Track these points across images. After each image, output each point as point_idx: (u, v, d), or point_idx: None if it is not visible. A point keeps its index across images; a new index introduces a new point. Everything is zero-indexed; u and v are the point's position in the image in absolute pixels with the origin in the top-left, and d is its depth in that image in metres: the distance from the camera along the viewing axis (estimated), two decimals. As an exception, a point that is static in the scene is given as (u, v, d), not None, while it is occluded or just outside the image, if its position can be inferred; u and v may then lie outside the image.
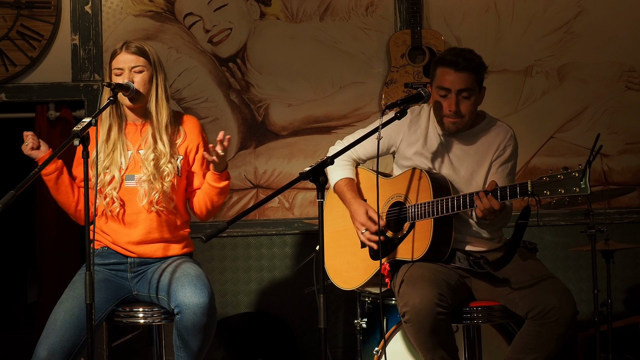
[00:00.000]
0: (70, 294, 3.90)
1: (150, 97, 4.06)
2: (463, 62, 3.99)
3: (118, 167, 4.02)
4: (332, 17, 5.75)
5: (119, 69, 4.02)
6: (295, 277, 5.69)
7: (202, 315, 3.82)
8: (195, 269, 3.99)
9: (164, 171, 4.02)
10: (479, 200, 3.76)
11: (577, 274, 5.79)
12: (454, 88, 3.99)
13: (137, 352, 5.55)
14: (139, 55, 4.04)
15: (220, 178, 4.04)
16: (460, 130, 4.09)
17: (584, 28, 5.83)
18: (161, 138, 4.04)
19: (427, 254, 3.93)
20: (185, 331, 3.84)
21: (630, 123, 5.84)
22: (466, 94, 4.00)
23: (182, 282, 3.90)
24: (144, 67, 4.03)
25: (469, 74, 4.00)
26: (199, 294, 3.83)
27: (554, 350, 3.79)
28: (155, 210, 4.04)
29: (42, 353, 3.76)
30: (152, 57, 4.08)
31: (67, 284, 4.01)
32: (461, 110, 4.02)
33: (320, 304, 3.35)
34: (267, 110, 5.72)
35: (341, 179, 4.28)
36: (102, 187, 4.02)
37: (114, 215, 4.04)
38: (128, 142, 4.08)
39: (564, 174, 3.52)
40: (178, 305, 3.84)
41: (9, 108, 5.73)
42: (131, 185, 4.04)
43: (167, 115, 4.07)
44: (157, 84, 4.07)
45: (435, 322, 3.75)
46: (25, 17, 5.53)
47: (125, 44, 4.07)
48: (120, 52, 4.05)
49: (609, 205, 5.71)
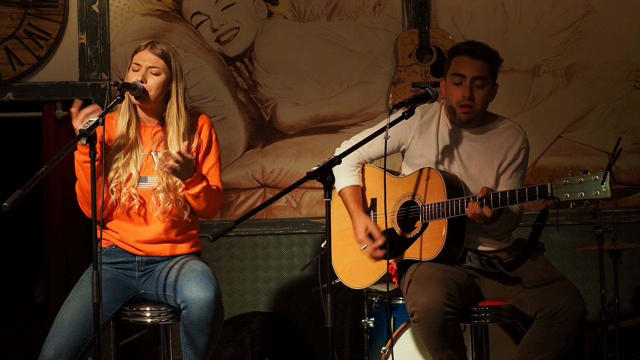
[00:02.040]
0: (77, 293, 3.89)
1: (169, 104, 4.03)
2: (479, 50, 4.06)
3: (135, 165, 4.02)
4: (339, 16, 5.74)
5: (137, 65, 4.00)
6: (302, 276, 5.68)
7: (208, 309, 3.81)
8: (201, 265, 3.99)
9: (177, 182, 4.00)
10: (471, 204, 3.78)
11: (584, 274, 5.78)
12: (469, 75, 4.03)
13: (145, 351, 5.55)
14: (160, 58, 4.01)
15: (187, 187, 4.01)
16: (471, 120, 4.09)
17: (591, 28, 5.82)
18: (179, 146, 3.99)
19: (440, 255, 3.92)
20: (192, 326, 3.83)
21: (638, 123, 5.83)
22: (480, 82, 4.03)
23: (188, 277, 3.89)
24: (161, 70, 4.00)
25: (484, 62, 4.05)
26: (205, 288, 3.83)
27: (562, 350, 3.78)
28: (168, 219, 4.04)
29: (49, 352, 3.75)
30: (173, 64, 4.04)
31: (74, 282, 4.00)
32: (474, 98, 4.03)
33: (327, 304, 3.34)
34: (275, 109, 5.72)
35: (346, 187, 4.28)
36: (119, 184, 4.00)
37: (130, 213, 4.03)
38: (141, 143, 4.07)
39: (584, 177, 3.51)
40: (184, 300, 3.83)
41: (17, 107, 5.74)
42: (144, 187, 4.03)
43: (185, 125, 4.04)
44: (177, 93, 4.03)
45: (444, 322, 3.74)
46: (33, 16, 5.53)
47: (152, 43, 4.05)
48: (144, 50, 4.03)
49: (616, 205, 5.71)
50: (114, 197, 4.01)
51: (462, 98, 4.03)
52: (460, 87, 4.04)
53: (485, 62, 4.05)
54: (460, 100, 4.05)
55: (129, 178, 4.01)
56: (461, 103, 4.05)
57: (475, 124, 4.14)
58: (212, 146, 4.13)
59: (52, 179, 5.65)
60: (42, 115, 5.67)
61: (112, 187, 4.00)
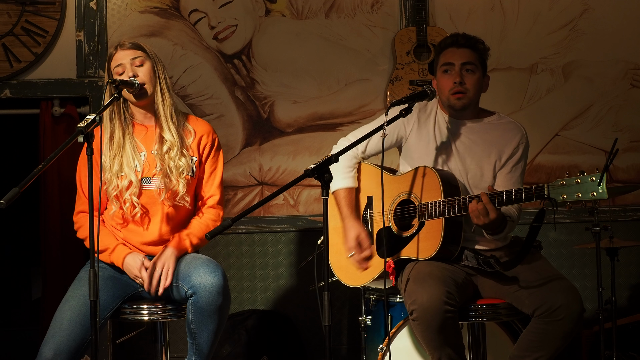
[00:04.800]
0: (76, 292, 3.87)
1: (155, 89, 4.04)
2: (462, 39, 4.10)
3: (133, 171, 3.98)
4: (337, 14, 5.74)
5: (120, 65, 3.97)
6: (299, 274, 5.69)
7: (217, 294, 3.80)
8: (205, 256, 4.00)
9: (179, 167, 3.99)
10: (475, 202, 3.78)
11: (581, 272, 5.79)
12: (457, 62, 4.06)
13: (142, 349, 5.55)
14: (135, 49, 4.01)
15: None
16: (465, 106, 4.09)
17: (589, 26, 5.83)
18: (169, 128, 4.00)
19: (437, 254, 3.92)
20: (200, 313, 3.81)
21: (635, 121, 5.83)
22: (470, 67, 4.06)
23: (194, 265, 3.89)
24: (144, 58, 4.00)
25: (470, 50, 4.08)
26: (213, 273, 3.82)
27: (559, 348, 3.78)
28: (173, 205, 4.02)
29: (48, 353, 3.71)
30: (148, 50, 4.05)
31: (71, 280, 3.99)
32: (466, 83, 4.05)
33: (324, 301, 3.34)
34: (272, 107, 5.72)
35: (340, 189, 4.27)
36: (119, 192, 3.98)
37: (134, 220, 4.02)
38: (140, 144, 4.04)
39: (580, 177, 3.50)
40: (192, 286, 3.81)
41: (14, 104, 5.73)
42: (149, 188, 4.02)
43: (170, 105, 4.04)
44: (158, 76, 4.04)
45: (444, 320, 3.74)
46: (30, 13, 5.53)
47: (119, 43, 4.04)
48: (117, 52, 4.00)
49: (613, 203, 5.71)
50: (116, 208, 4.00)
51: (454, 85, 4.05)
52: (451, 75, 4.07)
53: (471, 50, 4.09)
54: (452, 88, 4.06)
55: (130, 185, 3.98)
56: (453, 90, 4.06)
57: (471, 114, 4.14)
58: (217, 162, 4.16)
59: (49, 177, 5.65)
60: (39, 113, 5.67)
61: (112, 197, 3.98)
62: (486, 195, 3.75)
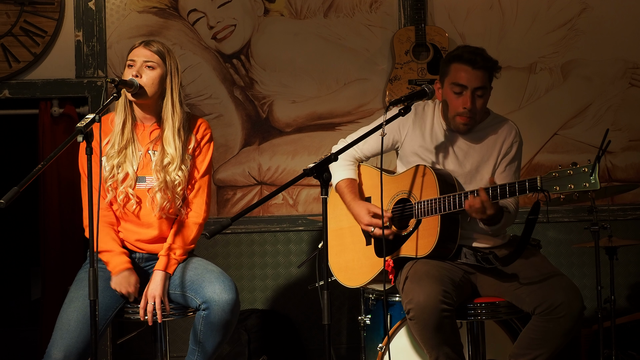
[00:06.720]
0: (79, 292, 3.86)
1: (164, 101, 4.01)
2: (481, 61, 4.00)
3: (131, 164, 4.00)
4: (336, 13, 5.75)
5: (132, 61, 3.98)
6: (299, 274, 5.69)
7: (230, 312, 3.82)
8: (213, 266, 4.00)
9: (175, 180, 3.99)
10: (473, 197, 3.77)
11: (580, 271, 5.79)
12: (470, 86, 3.99)
13: (142, 348, 5.55)
14: (155, 54, 3.99)
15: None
16: (469, 130, 4.09)
17: (588, 25, 5.83)
18: (174, 142, 4.01)
19: (434, 251, 3.93)
20: (210, 327, 3.84)
21: (633, 120, 5.84)
22: (481, 92, 4.01)
23: (209, 278, 3.89)
24: (156, 65, 3.98)
25: (485, 73, 4.01)
26: (228, 290, 3.84)
27: (560, 346, 3.79)
28: (166, 217, 4.04)
29: (58, 354, 3.70)
30: (168, 61, 4.02)
31: (71, 280, 3.98)
32: (475, 108, 4.01)
33: (324, 301, 3.35)
34: (271, 106, 5.72)
35: (342, 180, 4.28)
36: (115, 183, 3.99)
37: (129, 213, 4.02)
38: (137, 142, 4.06)
39: (573, 169, 3.52)
40: (206, 301, 3.82)
41: (13, 104, 5.73)
42: (141, 187, 4.02)
43: (180, 120, 4.03)
44: (171, 89, 4.01)
45: (440, 319, 3.74)
46: (29, 13, 5.53)
47: (147, 41, 4.04)
48: (139, 47, 4.01)
49: (612, 202, 5.72)
50: (110, 196, 4.01)
51: (464, 110, 4.02)
52: (461, 98, 4.02)
53: (486, 72, 4.02)
54: (461, 112, 4.03)
55: (126, 177, 4.00)
56: (462, 115, 4.03)
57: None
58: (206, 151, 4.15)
59: (48, 177, 5.65)
60: (38, 113, 5.67)
61: (107, 186, 3.99)
62: (484, 191, 3.75)
